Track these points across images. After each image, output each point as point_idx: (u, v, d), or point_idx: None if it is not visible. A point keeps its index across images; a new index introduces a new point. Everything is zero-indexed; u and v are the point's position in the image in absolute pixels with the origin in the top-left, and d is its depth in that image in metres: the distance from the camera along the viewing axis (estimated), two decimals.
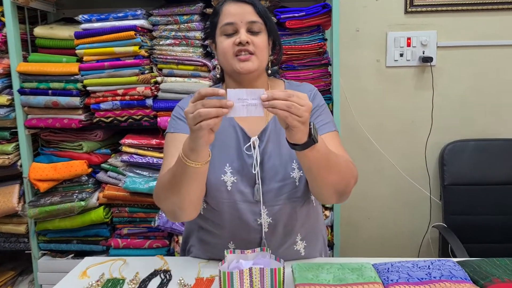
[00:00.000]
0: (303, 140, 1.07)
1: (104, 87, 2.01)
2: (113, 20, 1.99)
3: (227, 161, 1.29)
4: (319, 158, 1.13)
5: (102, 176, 2.11)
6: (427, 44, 2.36)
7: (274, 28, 1.37)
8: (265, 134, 1.33)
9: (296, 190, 1.30)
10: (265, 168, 1.29)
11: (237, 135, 1.33)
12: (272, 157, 1.30)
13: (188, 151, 1.08)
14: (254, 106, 1.02)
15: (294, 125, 1.03)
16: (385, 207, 2.54)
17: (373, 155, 2.48)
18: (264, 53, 1.30)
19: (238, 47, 1.27)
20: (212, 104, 1.00)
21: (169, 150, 1.31)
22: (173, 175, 1.15)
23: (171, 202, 1.19)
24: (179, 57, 2.03)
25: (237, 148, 1.31)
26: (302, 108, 1.02)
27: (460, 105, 2.42)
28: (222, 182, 1.27)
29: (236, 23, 1.28)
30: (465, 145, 2.39)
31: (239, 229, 1.29)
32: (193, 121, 1.01)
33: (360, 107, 2.44)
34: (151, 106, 2.02)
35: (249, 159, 1.29)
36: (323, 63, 2.01)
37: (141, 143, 2.03)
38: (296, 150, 1.11)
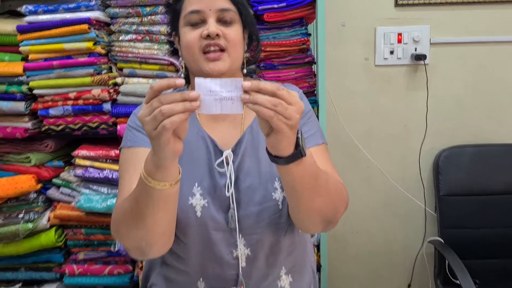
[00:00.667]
0: (289, 151, 0.85)
1: (53, 90, 1.74)
2: (63, 11, 1.72)
3: (195, 180, 1.06)
4: (306, 175, 0.91)
5: (54, 193, 1.84)
6: (419, 41, 2.15)
7: (251, 18, 1.14)
8: (241, 146, 1.10)
9: (280, 215, 1.07)
10: (241, 189, 1.06)
11: (207, 149, 1.10)
12: (249, 174, 1.08)
13: (152, 168, 0.85)
14: (230, 101, 0.79)
15: (280, 128, 0.80)
16: (375, 220, 2.32)
17: (361, 162, 2.26)
18: (238, 49, 1.08)
19: (206, 41, 1.03)
20: (174, 99, 0.77)
21: (126, 170, 1.08)
22: (135, 202, 0.91)
23: (135, 237, 0.95)
24: (142, 55, 1.77)
25: (207, 164, 1.08)
26: (291, 108, 0.80)
27: (455, 107, 2.22)
28: (190, 206, 1.04)
29: (203, 11, 1.05)
30: (462, 151, 2.19)
31: (210, 264, 1.06)
32: (153, 124, 0.77)
33: (346, 110, 2.21)
34: (109, 111, 1.76)
35: (222, 178, 1.07)
36: (306, 61, 1.77)
37: (97, 154, 1.76)
38: (278, 164, 0.88)
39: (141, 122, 0.80)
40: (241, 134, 1.12)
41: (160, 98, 0.77)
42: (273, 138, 0.83)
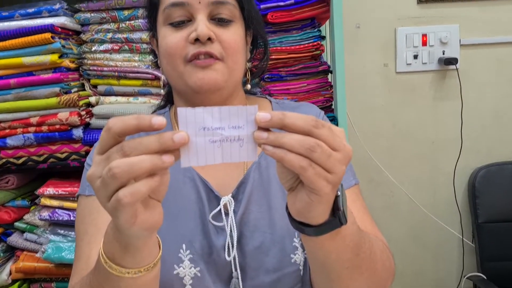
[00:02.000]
0: (322, 218, 0.56)
1: (11, 115, 1.43)
2: (20, 18, 1.41)
3: (183, 240, 0.76)
4: (345, 249, 0.62)
5: (17, 239, 1.51)
6: (447, 42, 1.89)
7: (256, 14, 0.86)
8: (245, 190, 0.81)
9: (301, 285, 0.78)
10: (247, 250, 0.77)
11: (198, 194, 0.81)
12: (258, 229, 0.78)
13: (116, 250, 0.56)
14: (237, 143, 0.51)
15: (317, 187, 0.51)
16: (403, 254, 2.03)
17: (384, 187, 1.99)
18: (238, 57, 0.79)
19: (194, 48, 0.75)
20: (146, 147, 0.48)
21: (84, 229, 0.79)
22: None
23: None
24: (121, 68, 1.47)
25: (199, 217, 0.80)
26: (335, 156, 0.51)
27: (492, 118, 1.96)
28: (176, 277, 0.74)
29: (190, 4, 0.76)
30: (501, 170, 1.91)
31: None
32: (104, 193, 0.49)
33: (365, 126, 1.94)
34: (80, 138, 1.45)
35: (220, 236, 0.78)
36: (321, 70, 1.46)
37: (68, 192, 1.45)
38: (305, 234, 0.59)
39: (91, 185, 0.51)
40: (245, 173, 0.83)
41: (124, 147, 0.48)
42: (302, 199, 0.54)
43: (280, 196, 0.79)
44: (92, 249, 0.73)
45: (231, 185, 0.81)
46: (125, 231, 0.52)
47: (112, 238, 0.56)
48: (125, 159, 0.47)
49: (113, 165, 0.47)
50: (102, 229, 0.72)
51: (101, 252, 0.57)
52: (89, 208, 0.79)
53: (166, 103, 0.97)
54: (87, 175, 0.51)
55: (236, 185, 0.81)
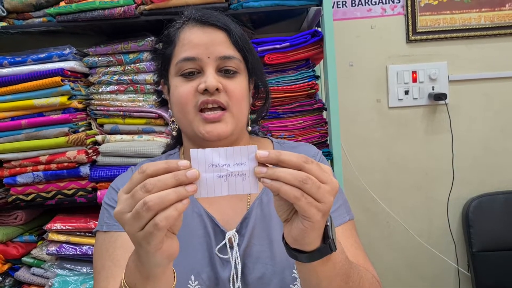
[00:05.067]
0: (315, 245, 0.63)
1: (21, 154, 1.49)
2: (32, 63, 1.48)
3: (191, 272, 0.82)
4: (335, 276, 0.68)
5: (24, 274, 1.55)
6: (436, 78, 1.93)
7: (258, 64, 0.94)
8: (248, 225, 0.87)
9: None
10: (251, 281, 0.83)
11: (205, 229, 0.87)
12: (260, 261, 0.84)
13: (138, 280, 0.62)
14: (240, 177, 0.59)
15: (308, 214, 0.59)
16: (399, 282, 2.03)
17: (380, 218, 2.00)
18: (243, 106, 0.87)
19: (203, 97, 0.82)
20: (164, 184, 0.55)
21: (102, 264, 0.84)
22: None
23: None
24: (126, 108, 1.54)
25: (206, 250, 0.85)
26: (324, 188, 0.59)
27: (482, 150, 1.98)
28: None
29: (201, 59, 0.83)
30: (493, 200, 1.93)
31: None
32: (138, 223, 0.56)
33: (360, 160, 1.97)
34: (87, 175, 1.50)
35: (226, 268, 0.83)
36: (316, 107, 1.53)
37: (75, 227, 1.49)
38: (299, 261, 0.65)
39: (118, 220, 0.58)
40: (248, 209, 0.88)
41: (146, 184, 0.55)
42: (297, 227, 0.61)
43: (280, 229, 0.84)
44: (109, 283, 0.78)
45: (235, 220, 0.87)
46: (150, 258, 0.58)
47: (134, 269, 0.62)
48: (155, 193, 0.54)
49: (147, 199, 0.54)
50: (118, 263, 0.78)
51: (123, 283, 0.63)
52: (106, 243, 0.85)
53: (176, 144, 1.03)
54: (114, 212, 0.58)
55: (240, 220, 0.86)
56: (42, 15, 1.53)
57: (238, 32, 0.86)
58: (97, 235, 0.89)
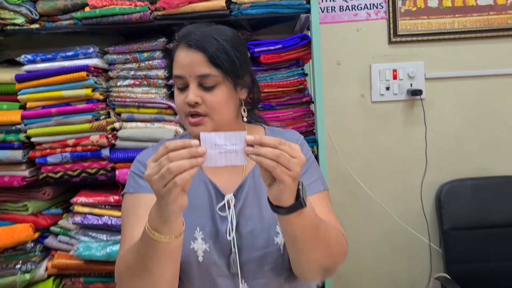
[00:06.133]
0: (289, 202, 0.86)
1: (51, 138, 1.73)
2: (61, 60, 1.72)
3: (197, 224, 1.05)
4: (306, 227, 0.92)
5: (51, 241, 1.79)
6: (414, 76, 2.17)
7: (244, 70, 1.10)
8: (242, 191, 1.10)
9: (282, 260, 1.06)
10: (243, 233, 1.06)
11: (209, 194, 1.10)
12: (251, 219, 1.07)
13: (158, 223, 0.85)
14: (234, 153, 0.83)
15: (282, 179, 0.82)
16: (379, 258, 2.28)
17: (363, 199, 2.24)
18: (222, 111, 1.06)
19: (188, 108, 1.05)
20: (182, 156, 0.79)
21: (128, 218, 1.07)
22: (140, 256, 0.91)
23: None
24: (140, 99, 1.77)
25: (209, 209, 1.08)
26: (293, 161, 0.82)
27: (454, 141, 2.22)
28: (192, 251, 1.03)
29: (185, 77, 1.05)
30: (463, 185, 2.17)
31: None
32: (162, 182, 0.79)
33: (345, 148, 2.21)
34: (107, 157, 1.74)
35: (224, 223, 1.06)
36: (304, 101, 1.78)
37: (96, 200, 1.74)
38: (279, 214, 0.89)
39: (148, 181, 0.81)
40: (243, 179, 1.12)
41: (169, 156, 0.79)
42: (275, 188, 0.84)
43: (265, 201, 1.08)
44: (134, 231, 1.01)
45: (233, 187, 1.10)
46: (168, 207, 0.81)
47: (156, 216, 0.86)
48: (176, 162, 0.78)
49: (170, 166, 0.78)
50: (140, 217, 1.02)
51: (147, 225, 0.87)
52: (131, 202, 1.08)
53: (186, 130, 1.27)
54: (145, 175, 0.82)
55: (236, 187, 1.10)
56: (69, 18, 1.76)
57: (216, 50, 1.03)
58: (124, 196, 1.12)
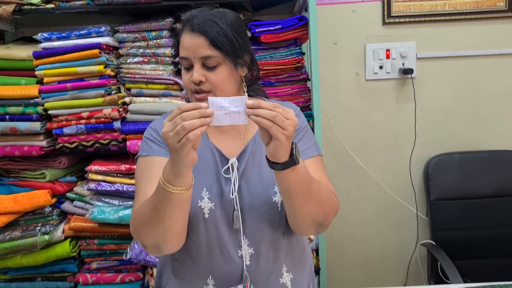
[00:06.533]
0: (284, 158, 0.99)
1: (67, 110, 1.86)
2: (75, 38, 1.85)
3: (204, 185, 1.17)
4: (300, 182, 1.04)
5: (68, 206, 1.95)
6: (406, 56, 2.29)
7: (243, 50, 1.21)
8: (244, 155, 1.22)
9: (280, 217, 1.19)
10: (245, 193, 1.18)
11: (214, 158, 1.22)
12: (252, 180, 1.20)
13: (171, 176, 0.98)
14: (237, 114, 0.95)
15: (277, 137, 0.95)
16: (370, 226, 2.44)
17: (356, 172, 2.39)
18: (224, 88, 1.17)
19: (194, 86, 1.16)
20: (193, 116, 0.92)
21: (142, 177, 1.19)
22: (154, 207, 1.04)
23: (154, 236, 1.08)
24: (148, 76, 1.90)
25: (214, 172, 1.20)
26: (287, 121, 0.95)
27: (443, 117, 2.35)
28: (199, 208, 1.16)
29: (189, 58, 1.16)
30: (450, 159, 2.32)
31: (218, 261, 1.17)
32: (176, 138, 0.92)
33: (340, 123, 2.35)
34: (119, 129, 1.88)
35: (228, 184, 1.18)
36: (301, 78, 1.91)
37: (109, 169, 1.88)
38: (275, 170, 1.02)
39: (164, 137, 0.95)
40: (245, 145, 1.24)
41: (182, 116, 0.92)
42: (272, 146, 0.97)
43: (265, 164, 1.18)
44: (147, 189, 1.13)
45: (236, 152, 1.23)
46: (181, 160, 0.94)
47: (169, 170, 0.99)
48: (189, 121, 0.91)
49: (184, 123, 0.91)
50: (153, 177, 1.15)
51: (161, 179, 1.00)
52: (145, 164, 1.21)
53: None
54: (162, 132, 0.94)
55: (239, 152, 1.23)
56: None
57: (217, 33, 1.14)
58: (138, 159, 1.25)
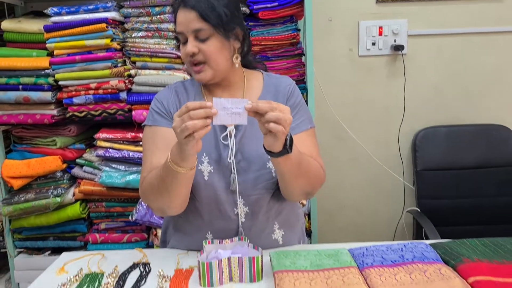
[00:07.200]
0: (279, 149, 1.12)
1: (76, 81, 1.99)
2: (83, 12, 1.96)
3: (204, 151, 1.29)
4: (291, 165, 1.18)
5: (77, 171, 2.09)
6: (398, 33, 2.40)
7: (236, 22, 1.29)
8: (242, 126, 1.33)
9: (273, 181, 1.31)
10: (241, 158, 1.30)
11: (214, 127, 1.33)
12: (248, 147, 1.32)
13: (177, 159, 1.11)
14: (238, 115, 1.06)
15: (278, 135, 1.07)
16: (360, 195, 2.59)
17: (348, 143, 2.52)
18: (218, 58, 1.26)
19: (190, 58, 1.26)
20: (199, 115, 1.03)
21: (148, 146, 1.33)
22: (162, 180, 1.18)
23: (160, 203, 1.22)
24: (153, 50, 2.01)
25: (214, 138, 1.32)
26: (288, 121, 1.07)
27: (431, 92, 2.47)
28: (199, 172, 1.28)
29: (183, 33, 1.25)
30: (437, 131, 2.45)
31: (216, 219, 1.30)
32: (182, 135, 1.05)
33: (334, 97, 2.46)
34: (125, 99, 2.01)
35: (226, 149, 1.30)
36: (296, 53, 2.02)
37: (116, 137, 2.02)
38: (271, 157, 1.16)
39: (173, 130, 1.07)
40: None
41: (190, 114, 1.04)
42: (269, 140, 1.11)
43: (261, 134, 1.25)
44: (153, 158, 1.28)
45: None
46: (187, 151, 1.08)
47: (176, 153, 1.12)
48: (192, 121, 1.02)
49: (187, 123, 1.02)
50: (158, 146, 1.28)
51: (169, 159, 1.13)
52: (151, 134, 1.33)
53: None
54: (172, 126, 1.06)
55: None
56: None
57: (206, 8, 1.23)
58: (145, 128, 1.37)
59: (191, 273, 1.17)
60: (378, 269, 1.09)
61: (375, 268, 1.09)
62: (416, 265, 1.09)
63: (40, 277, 1.21)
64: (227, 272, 1.10)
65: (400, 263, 1.10)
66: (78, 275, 1.18)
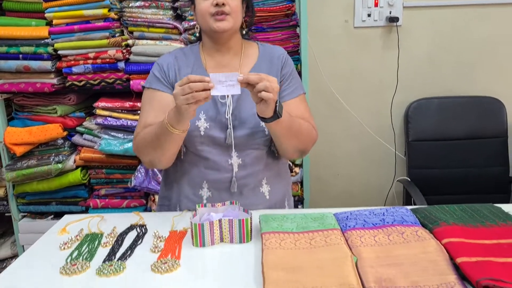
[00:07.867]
0: (270, 114, 1.24)
1: (75, 51, 2.03)
2: None
3: (202, 108, 1.38)
4: (283, 128, 1.32)
5: (78, 139, 2.15)
6: (393, 4, 2.41)
7: None
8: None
9: (266, 139, 1.42)
10: (237, 116, 1.40)
11: None
12: (244, 106, 1.41)
13: (174, 122, 1.24)
14: (232, 86, 1.19)
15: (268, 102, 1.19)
16: (353, 164, 2.66)
17: (342, 114, 2.57)
18: (238, 15, 1.39)
19: (215, 9, 1.34)
20: (198, 87, 1.16)
21: (145, 107, 1.44)
22: (156, 138, 1.30)
23: (151, 156, 1.37)
24: (150, 20, 2.04)
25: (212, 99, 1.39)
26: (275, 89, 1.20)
27: (425, 64, 2.50)
28: (196, 127, 1.38)
29: None
30: (429, 103, 2.49)
31: (211, 170, 1.41)
32: (184, 102, 1.16)
33: (329, 68, 2.50)
34: (123, 69, 2.05)
35: (223, 108, 1.39)
36: (291, 24, 2.05)
37: (115, 106, 2.07)
38: (264, 122, 1.29)
39: (174, 97, 1.18)
40: None
41: (190, 85, 1.16)
42: (261, 107, 1.22)
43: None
44: (147, 118, 1.38)
45: None
46: (185, 115, 1.18)
47: (173, 116, 1.22)
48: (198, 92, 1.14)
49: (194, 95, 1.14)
50: (154, 107, 1.38)
51: (166, 120, 1.23)
52: (149, 96, 1.43)
53: (198, 40, 1.57)
54: (173, 93, 1.17)
55: None
56: None
57: None
58: (144, 89, 1.46)
59: (184, 234, 1.24)
60: (359, 231, 1.16)
61: (356, 230, 1.16)
62: (395, 227, 1.16)
63: (43, 237, 1.29)
64: (218, 233, 1.18)
65: (381, 226, 1.18)
66: (79, 235, 1.25)
